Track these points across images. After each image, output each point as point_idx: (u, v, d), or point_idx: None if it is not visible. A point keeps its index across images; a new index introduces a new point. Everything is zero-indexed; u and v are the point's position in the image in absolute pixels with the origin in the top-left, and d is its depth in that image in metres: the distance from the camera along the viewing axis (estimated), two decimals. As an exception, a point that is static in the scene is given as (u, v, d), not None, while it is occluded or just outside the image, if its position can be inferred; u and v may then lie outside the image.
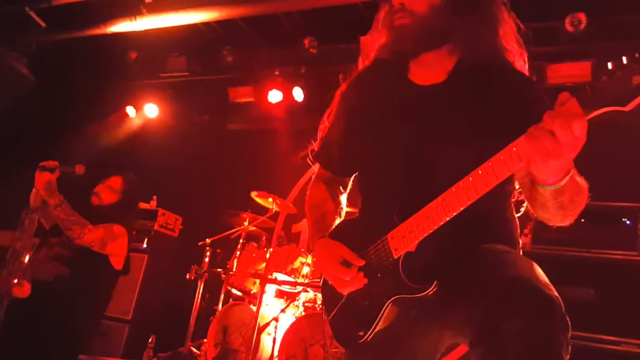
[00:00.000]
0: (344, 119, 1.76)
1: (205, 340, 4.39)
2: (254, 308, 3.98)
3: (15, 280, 2.90)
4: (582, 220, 3.64)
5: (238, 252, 4.64)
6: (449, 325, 1.42)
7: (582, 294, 3.48)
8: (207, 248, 4.76)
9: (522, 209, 1.59)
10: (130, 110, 6.76)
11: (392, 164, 1.57)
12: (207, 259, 4.77)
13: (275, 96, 5.95)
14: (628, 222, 3.57)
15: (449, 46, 1.56)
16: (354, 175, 1.88)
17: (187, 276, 4.64)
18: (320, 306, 4.16)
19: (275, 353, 3.88)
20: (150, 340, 4.51)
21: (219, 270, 4.59)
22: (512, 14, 1.61)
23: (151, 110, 6.68)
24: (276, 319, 4.01)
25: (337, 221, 1.79)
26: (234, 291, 4.63)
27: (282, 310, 4.11)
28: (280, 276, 4.23)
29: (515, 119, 1.25)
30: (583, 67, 4.54)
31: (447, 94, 1.54)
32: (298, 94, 5.88)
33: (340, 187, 1.90)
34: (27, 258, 2.96)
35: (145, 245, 5.58)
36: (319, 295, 4.19)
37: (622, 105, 1.09)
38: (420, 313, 1.48)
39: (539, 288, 1.21)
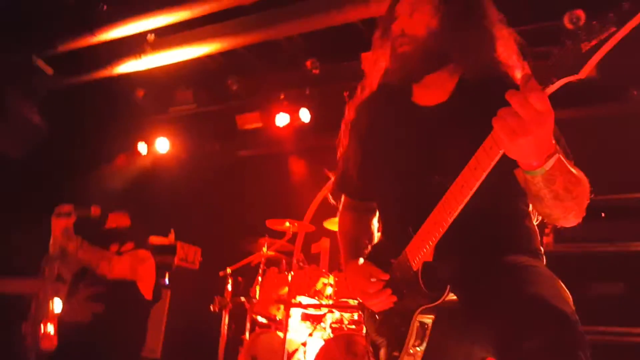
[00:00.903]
0: (358, 147, 1.79)
1: (235, 371, 4.38)
2: (281, 334, 3.96)
3: (42, 331, 2.91)
4: (603, 214, 3.59)
5: (259, 278, 4.63)
6: (477, 340, 1.43)
7: (611, 288, 3.42)
8: (228, 277, 4.76)
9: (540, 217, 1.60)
10: (142, 146, 6.84)
11: (407, 184, 1.61)
12: (229, 289, 4.76)
13: (282, 119, 5.99)
14: (649, 212, 3.52)
15: (450, 66, 1.60)
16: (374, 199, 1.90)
17: (211, 308, 4.63)
18: (348, 326, 4.13)
19: (307, 378, 3.85)
20: (180, 376, 4.50)
21: (242, 299, 4.58)
22: (511, 29, 1.64)
23: (162, 144, 6.76)
24: (304, 344, 3.99)
25: (369, 245, 1.83)
26: (260, 319, 4.61)
27: (310, 334, 4.08)
28: (304, 299, 4.21)
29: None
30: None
31: (451, 112, 1.58)
32: (305, 115, 5.92)
33: (369, 212, 1.92)
34: (51, 306, 2.98)
35: (167, 281, 5.59)
36: (345, 315, 4.16)
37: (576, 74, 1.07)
38: (449, 327, 1.48)
39: (557, 307, 1.24)
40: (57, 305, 3.62)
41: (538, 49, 4.85)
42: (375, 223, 1.92)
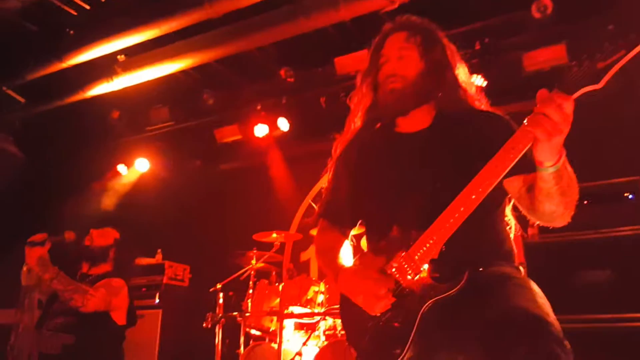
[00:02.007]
0: (348, 178, 1.97)
1: (232, 386, 4.34)
2: (276, 346, 3.93)
3: None
4: (585, 202, 3.62)
5: (250, 292, 4.61)
6: (461, 349, 1.53)
7: (598, 275, 3.44)
8: (219, 293, 4.72)
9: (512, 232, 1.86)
10: (121, 168, 6.78)
11: (405, 197, 1.74)
12: (221, 304, 4.72)
13: (261, 130, 5.97)
14: (631, 196, 3.53)
15: (431, 102, 1.88)
16: (354, 227, 2.05)
17: (204, 324, 4.59)
18: (341, 332, 4.11)
19: (305, 388, 3.83)
20: (177, 395, 4.45)
21: (234, 313, 4.55)
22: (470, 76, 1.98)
23: (142, 164, 6.71)
24: (299, 354, 3.97)
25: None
26: (253, 332, 4.58)
27: (304, 343, 4.06)
28: (296, 309, 4.19)
29: (490, 146, 1.52)
30: (558, 50, 4.55)
31: (434, 134, 1.84)
32: (283, 124, 5.91)
33: (344, 236, 2.06)
34: (30, 338, 2.92)
35: (157, 301, 5.53)
36: (338, 322, 4.15)
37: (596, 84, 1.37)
38: (440, 326, 1.55)
39: (537, 315, 1.40)
40: None
41: (510, 40, 4.83)
42: (348, 245, 2.05)
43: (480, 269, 1.62)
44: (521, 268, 1.76)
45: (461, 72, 1.91)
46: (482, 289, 1.55)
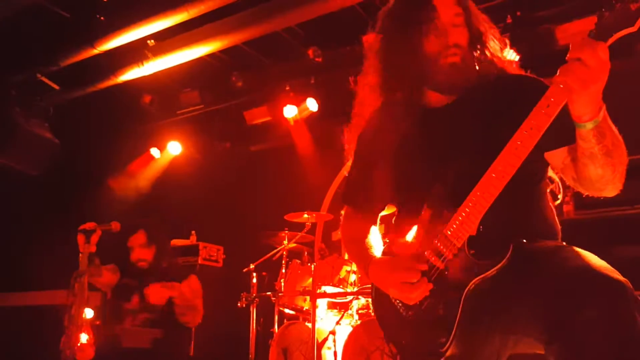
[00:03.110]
0: (371, 162, 1.84)
1: (267, 364, 4.43)
2: (310, 325, 4.00)
3: (78, 344, 2.99)
4: (621, 177, 3.53)
5: (283, 271, 4.67)
6: (512, 329, 1.41)
7: (633, 251, 3.38)
8: (253, 273, 4.80)
9: (558, 201, 1.75)
10: (154, 151, 6.90)
11: (437, 173, 1.60)
12: (254, 284, 4.81)
13: (290, 111, 5.99)
14: (669, 171, 3.44)
15: None
16: (382, 212, 1.96)
17: (239, 304, 4.69)
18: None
19: (339, 366, 3.89)
20: (214, 374, 4.59)
21: (268, 293, 4.63)
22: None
23: (174, 147, 6.81)
24: (333, 332, 4.02)
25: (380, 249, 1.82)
26: (287, 311, 4.66)
27: (337, 322, 4.11)
28: (329, 289, 4.23)
29: (524, 109, 1.40)
30: (591, 22, 4.41)
31: (462, 106, 1.68)
32: (312, 104, 5.91)
33: (372, 221, 1.94)
34: (83, 320, 3.05)
35: (193, 281, 5.66)
36: (371, 301, 4.18)
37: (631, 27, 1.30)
38: (486, 307, 1.45)
39: (605, 274, 1.25)
40: (88, 314, 3.69)
41: (543, 13, 4.69)
42: (376, 230, 1.92)
43: (525, 242, 1.46)
44: (565, 244, 1.60)
45: (488, 28, 1.72)
46: (531, 262, 1.42)
